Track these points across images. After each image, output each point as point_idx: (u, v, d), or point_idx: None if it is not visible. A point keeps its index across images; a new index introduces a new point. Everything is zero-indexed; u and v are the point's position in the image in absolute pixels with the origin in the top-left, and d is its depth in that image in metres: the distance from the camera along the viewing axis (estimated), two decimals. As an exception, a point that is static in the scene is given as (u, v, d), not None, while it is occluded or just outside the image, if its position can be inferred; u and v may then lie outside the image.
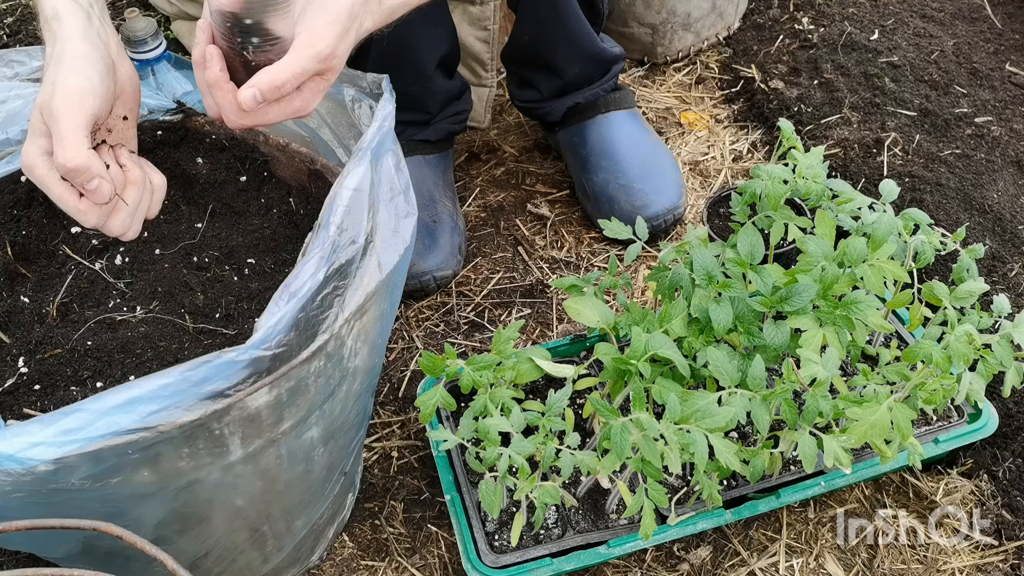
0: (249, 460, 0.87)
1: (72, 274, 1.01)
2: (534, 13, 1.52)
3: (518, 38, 1.57)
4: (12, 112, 1.05)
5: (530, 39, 1.56)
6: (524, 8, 1.52)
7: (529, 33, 1.55)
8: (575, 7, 1.51)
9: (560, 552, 1.09)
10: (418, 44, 1.47)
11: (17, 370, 0.91)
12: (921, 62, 1.85)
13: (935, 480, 1.24)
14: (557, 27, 1.53)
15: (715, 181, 1.72)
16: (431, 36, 1.47)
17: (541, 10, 1.51)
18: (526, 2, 1.51)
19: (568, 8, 1.50)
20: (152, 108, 1.11)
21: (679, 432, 0.93)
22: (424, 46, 1.47)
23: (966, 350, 0.99)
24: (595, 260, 1.58)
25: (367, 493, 1.27)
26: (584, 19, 1.54)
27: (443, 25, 1.49)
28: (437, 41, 1.49)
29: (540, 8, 1.50)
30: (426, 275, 1.49)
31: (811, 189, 1.11)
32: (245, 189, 1.11)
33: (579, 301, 1.11)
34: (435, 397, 1.05)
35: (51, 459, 0.72)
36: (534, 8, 1.51)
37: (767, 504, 1.14)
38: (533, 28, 1.54)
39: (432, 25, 1.47)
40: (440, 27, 1.48)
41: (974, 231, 1.49)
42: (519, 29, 1.56)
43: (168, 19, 2.06)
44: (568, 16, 1.52)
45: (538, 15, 1.52)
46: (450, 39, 1.52)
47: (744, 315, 1.02)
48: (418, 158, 1.57)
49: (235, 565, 1.03)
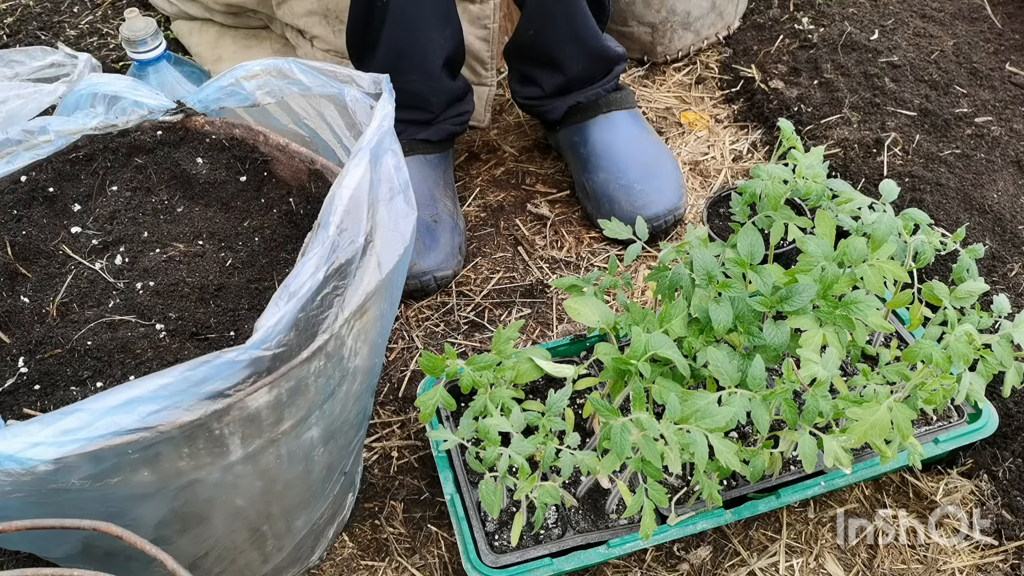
0: (249, 460, 0.87)
1: (72, 274, 1.01)
2: (541, 8, 1.51)
3: (523, 33, 1.56)
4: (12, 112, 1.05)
5: (535, 34, 1.55)
6: (531, 2, 1.52)
7: (535, 28, 1.54)
8: (583, 3, 1.51)
9: (560, 552, 1.09)
10: (426, 42, 1.47)
11: (17, 370, 0.91)
12: (921, 62, 1.85)
13: (935, 480, 1.24)
14: (564, 22, 1.53)
15: (715, 181, 1.72)
16: (439, 35, 1.47)
17: (549, 5, 1.50)
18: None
19: (576, 3, 1.50)
20: (152, 108, 1.11)
21: (679, 432, 0.93)
22: (432, 44, 1.47)
23: (966, 350, 0.99)
24: (595, 260, 1.58)
25: (367, 493, 1.27)
26: (591, 16, 1.53)
27: (452, 24, 1.49)
28: (445, 40, 1.49)
29: (548, 2, 1.50)
30: (426, 275, 1.49)
31: (811, 189, 1.11)
32: (245, 189, 1.11)
33: (579, 301, 1.11)
34: (435, 397, 1.05)
35: (51, 459, 0.72)
36: (541, 2, 1.51)
37: (767, 504, 1.14)
38: (539, 23, 1.53)
39: (441, 24, 1.47)
40: (449, 26, 1.48)
41: (974, 231, 1.49)
42: (524, 24, 1.55)
43: (168, 19, 2.06)
44: (576, 12, 1.51)
45: (545, 10, 1.51)
46: (457, 39, 1.52)
47: (744, 315, 1.02)
48: (419, 157, 1.57)
49: (235, 565, 1.03)
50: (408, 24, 1.44)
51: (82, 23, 2.13)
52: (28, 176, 1.07)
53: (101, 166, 1.10)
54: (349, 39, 1.51)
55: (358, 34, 1.49)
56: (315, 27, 1.74)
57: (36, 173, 1.07)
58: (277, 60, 1.06)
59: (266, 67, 1.06)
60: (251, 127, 1.12)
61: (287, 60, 1.05)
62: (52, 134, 1.08)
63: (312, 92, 1.05)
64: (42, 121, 1.08)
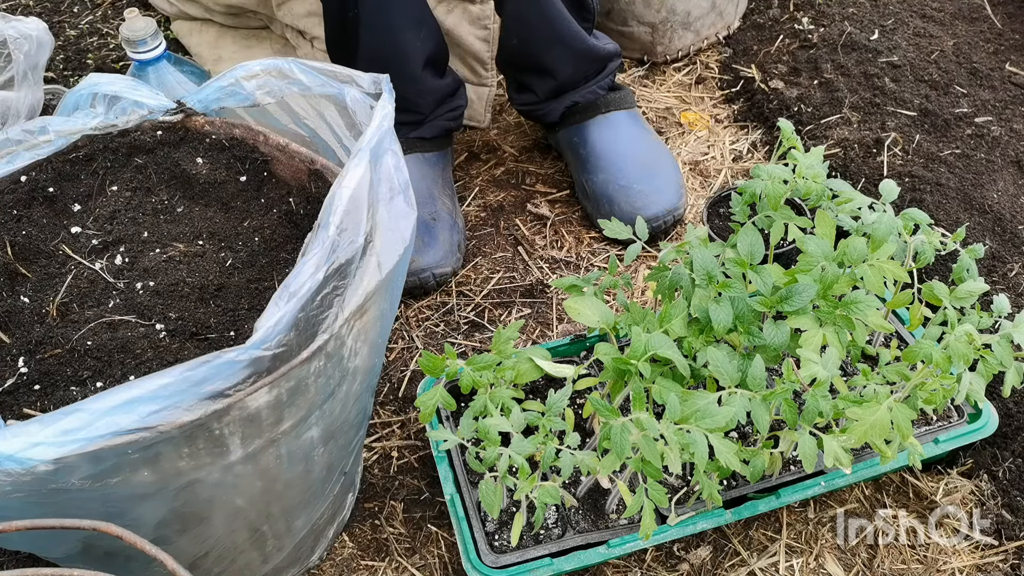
0: (249, 460, 0.87)
1: (72, 274, 1.01)
2: (518, 15, 1.51)
3: (507, 41, 1.56)
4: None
5: (519, 42, 1.55)
6: (509, 10, 1.51)
7: (517, 36, 1.54)
8: (559, 6, 1.50)
9: (560, 552, 1.09)
10: (403, 47, 1.46)
11: (17, 370, 0.91)
12: (921, 62, 1.85)
13: (935, 480, 1.24)
14: (543, 27, 1.52)
15: (715, 181, 1.72)
16: (415, 37, 1.47)
17: (524, 11, 1.50)
18: (510, 4, 1.50)
19: (552, 7, 1.49)
20: (152, 108, 1.11)
21: (679, 432, 0.93)
22: (409, 48, 1.47)
23: (966, 350, 0.99)
24: (595, 260, 1.58)
25: (367, 493, 1.27)
26: (570, 17, 1.53)
27: (426, 25, 1.48)
28: (422, 42, 1.48)
29: (523, 9, 1.50)
30: (425, 272, 1.49)
31: (811, 189, 1.11)
32: (245, 189, 1.11)
33: (579, 301, 1.11)
34: (435, 397, 1.05)
35: (51, 459, 0.72)
36: (518, 10, 1.50)
37: (767, 504, 1.14)
38: (520, 31, 1.53)
39: (416, 26, 1.46)
40: (424, 27, 1.48)
41: (974, 231, 1.49)
42: (507, 33, 1.55)
43: (168, 19, 2.06)
44: (553, 16, 1.51)
45: (522, 16, 1.51)
46: (435, 38, 1.51)
47: (744, 315, 1.02)
48: (417, 156, 1.57)
49: (235, 565, 1.03)
50: (382, 31, 1.43)
51: (82, 23, 2.13)
52: (28, 176, 1.07)
53: (101, 166, 1.10)
54: (330, 52, 1.52)
55: (338, 47, 1.50)
56: (315, 28, 1.74)
57: (36, 173, 1.07)
58: (277, 60, 1.06)
59: (266, 67, 1.06)
60: (251, 127, 1.12)
61: (287, 60, 1.05)
62: (52, 134, 1.08)
63: (312, 92, 1.05)
64: (42, 121, 1.08)
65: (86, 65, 1.99)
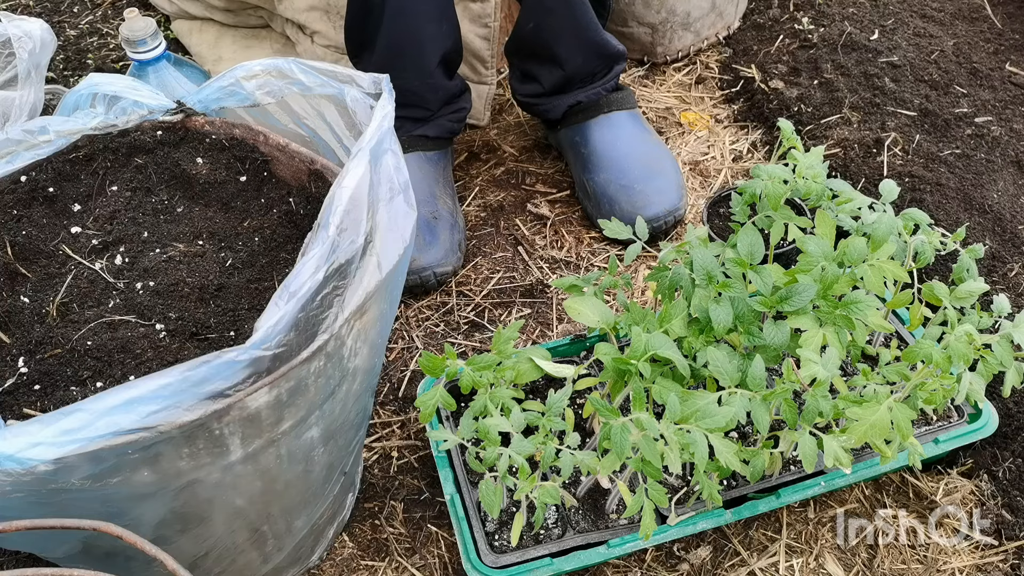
0: (249, 460, 0.87)
1: (72, 274, 1.01)
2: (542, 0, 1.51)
3: (522, 27, 1.57)
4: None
5: (535, 27, 1.55)
6: None
7: (535, 21, 1.54)
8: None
9: (560, 552, 1.09)
10: (422, 39, 1.47)
11: (17, 370, 0.91)
12: (921, 62, 1.85)
13: (935, 480, 1.24)
14: (564, 14, 1.53)
15: (715, 181, 1.72)
16: (436, 30, 1.48)
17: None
18: None
19: None
20: (152, 108, 1.11)
21: (679, 432, 0.93)
22: (428, 42, 1.48)
23: (966, 350, 0.99)
24: (595, 260, 1.58)
25: (367, 493, 1.27)
26: (591, 8, 1.54)
27: (449, 21, 1.49)
28: (441, 38, 1.49)
29: None
30: (426, 270, 1.49)
31: (811, 189, 1.11)
32: (245, 189, 1.11)
33: (579, 301, 1.11)
34: (435, 397, 1.05)
35: (51, 459, 0.72)
36: None
37: (767, 504, 1.14)
38: (539, 15, 1.54)
39: (438, 19, 1.47)
40: (446, 23, 1.49)
41: (974, 231, 1.49)
42: (524, 17, 1.55)
43: (168, 19, 2.06)
44: (576, 3, 1.51)
45: (546, 2, 1.51)
46: (454, 36, 1.52)
47: (744, 315, 1.02)
48: (418, 155, 1.57)
49: (235, 565, 1.03)
50: (405, 18, 1.44)
51: (82, 23, 2.13)
52: (28, 176, 1.07)
53: (101, 166, 1.10)
54: (347, 35, 1.52)
55: (356, 30, 1.50)
56: (316, 22, 1.75)
57: (36, 173, 1.07)
58: (277, 60, 1.06)
59: (266, 67, 1.06)
60: (251, 127, 1.12)
61: (287, 60, 1.05)
62: (52, 134, 1.08)
63: (312, 92, 1.05)
64: (42, 121, 1.08)
65: (86, 65, 1.99)
